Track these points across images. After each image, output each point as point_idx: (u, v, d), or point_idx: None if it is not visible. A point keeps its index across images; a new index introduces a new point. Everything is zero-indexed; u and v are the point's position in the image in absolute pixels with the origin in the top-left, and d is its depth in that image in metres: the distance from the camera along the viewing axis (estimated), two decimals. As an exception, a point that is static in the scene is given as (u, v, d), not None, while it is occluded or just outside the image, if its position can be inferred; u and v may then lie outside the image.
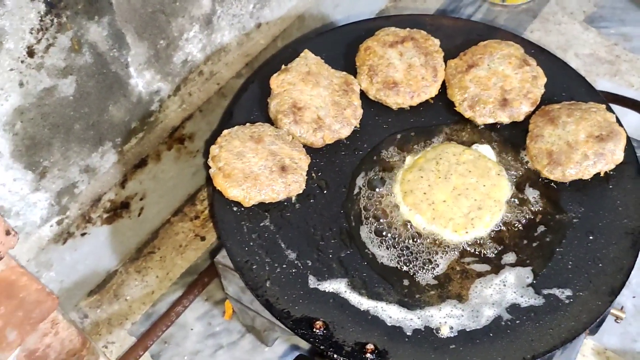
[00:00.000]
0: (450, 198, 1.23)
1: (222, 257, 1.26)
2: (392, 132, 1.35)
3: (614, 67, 1.94)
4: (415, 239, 1.20)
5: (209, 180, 1.21)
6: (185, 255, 1.63)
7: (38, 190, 1.29)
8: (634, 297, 1.53)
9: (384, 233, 1.21)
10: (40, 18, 1.10)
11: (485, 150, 1.30)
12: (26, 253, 1.32)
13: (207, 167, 1.22)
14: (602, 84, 1.90)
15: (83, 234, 1.43)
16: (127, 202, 1.51)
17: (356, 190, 1.27)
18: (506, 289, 1.15)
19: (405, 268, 1.17)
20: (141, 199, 1.54)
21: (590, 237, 1.20)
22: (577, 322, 1.11)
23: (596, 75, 1.93)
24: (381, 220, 1.23)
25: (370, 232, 1.21)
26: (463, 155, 1.28)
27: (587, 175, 1.24)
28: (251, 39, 1.62)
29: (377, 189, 1.27)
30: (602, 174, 1.25)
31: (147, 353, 1.47)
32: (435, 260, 1.18)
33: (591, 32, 2.02)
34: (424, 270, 1.17)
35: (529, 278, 1.17)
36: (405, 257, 1.19)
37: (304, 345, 1.49)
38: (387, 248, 1.19)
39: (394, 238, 1.21)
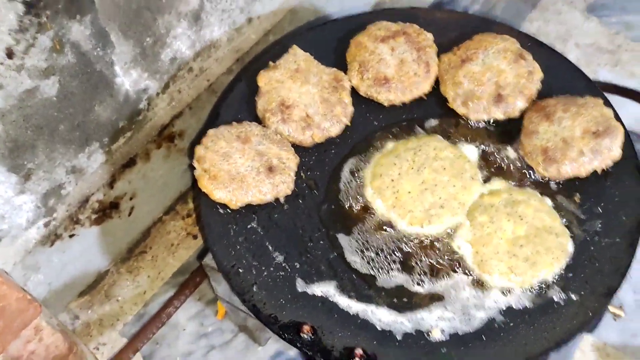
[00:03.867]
0: (416, 191, 1.20)
1: (210, 260, 1.24)
2: (383, 129, 1.31)
3: (615, 57, 1.90)
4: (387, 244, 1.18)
5: (194, 182, 1.18)
6: (177, 255, 1.61)
7: (23, 193, 1.26)
8: (635, 292, 1.50)
9: (355, 232, 1.19)
10: (19, 18, 1.08)
11: (470, 151, 1.27)
12: (12, 256, 1.30)
13: (192, 169, 1.19)
14: (602, 74, 1.86)
15: (71, 236, 1.41)
16: (116, 202, 1.48)
17: (340, 188, 1.25)
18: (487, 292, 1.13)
19: (372, 272, 1.15)
20: (131, 199, 1.52)
21: (587, 238, 1.17)
22: (573, 324, 1.08)
23: (597, 65, 1.89)
24: (354, 220, 1.21)
25: (346, 234, 1.20)
26: (443, 152, 1.25)
27: (584, 172, 1.21)
28: (242, 34, 1.59)
29: (358, 187, 1.24)
30: (599, 172, 1.22)
31: (139, 354, 1.46)
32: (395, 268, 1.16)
33: (592, 21, 1.97)
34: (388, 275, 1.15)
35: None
36: (373, 260, 1.16)
37: (297, 345, 1.47)
38: (358, 251, 1.17)
39: (364, 239, 1.18)
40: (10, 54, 1.11)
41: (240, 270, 1.13)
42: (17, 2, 1.06)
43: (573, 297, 1.11)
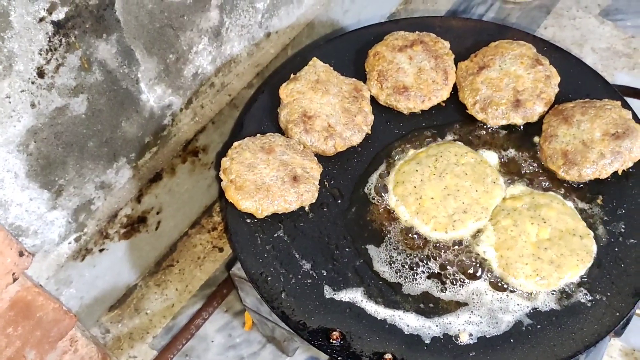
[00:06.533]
0: (439, 196, 1.21)
1: (238, 269, 1.26)
2: (404, 136, 1.33)
3: (632, 60, 1.90)
4: (406, 248, 1.20)
5: (221, 193, 1.21)
6: (203, 267, 1.63)
7: (55, 209, 1.30)
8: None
9: (383, 244, 1.21)
10: (48, 39, 1.11)
11: (490, 156, 1.28)
12: (45, 271, 1.33)
13: (219, 180, 1.22)
14: (620, 78, 1.87)
15: (101, 250, 1.44)
16: (143, 216, 1.51)
17: (364, 196, 1.27)
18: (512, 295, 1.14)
19: (399, 280, 1.17)
20: (158, 213, 1.55)
21: (612, 239, 1.17)
22: (600, 326, 1.08)
23: (614, 69, 1.89)
24: (378, 228, 1.23)
25: (376, 245, 1.21)
26: (464, 157, 1.26)
27: (605, 174, 1.22)
28: (261, 48, 1.62)
29: (382, 194, 1.26)
30: (620, 173, 1.23)
31: (169, 366, 1.48)
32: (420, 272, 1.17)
33: (607, 26, 1.98)
34: (413, 282, 1.16)
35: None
36: (400, 270, 1.17)
37: (324, 355, 1.48)
38: (386, 263, 1.19)
39: (392, 250, 1.20)
40: (41, 74, 1.14)
41: (269, 278, 1.15)
42: (47, 22, 1.10)
43: (599, 298, 1.11)
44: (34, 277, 1.30)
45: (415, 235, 1.21)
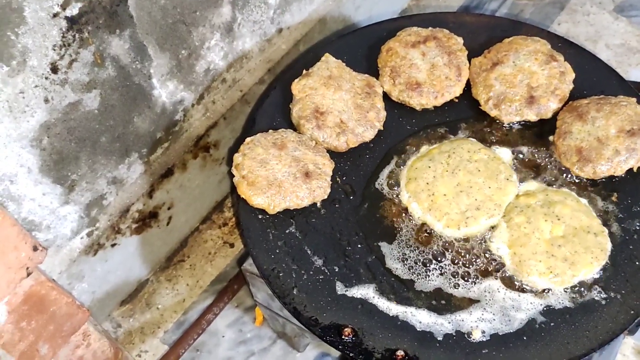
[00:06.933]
0: (452, 193, 1.21)
1: (250, 265, 1.26)
2: (416, 133, 1.33)
3: (647, 57, 1.89)
4: (419, 246, 1.19)
5: (233, 188, 1.21)
6: (214, 263, 1.64)
7: (67, 204, 1.30)
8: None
9: (396, 241, 1.20)
10: (62, 34, 1.12)
11: (503, 153, 1.27)
12: (58, 265, 1.34)
13: (231, 176, 1.22)
14: (634, 74, 1.85)
15: (113, 245, 1.45)
16: (155, 211, 1.52)
17: (376, 192, 1.26)
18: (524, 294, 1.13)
19: (411, 277, 1.16)
20: (169, 208, 1.55)
21: (626, 236, 1.16)
22: (615, 323, 1.08)
23: (628, 66, 1.88)
24: (390, 224, 1.22)
25: (388, 242, 1.21)
26: (477, 154, 1.25)
27: (620, 171, 1.21)
28: (273, 44, 1.62)
29: (394, 191, 1.26)
30: (635, 170, 1.22)
31: (180, 361, 1.49)
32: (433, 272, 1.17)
33: (621, 22, 1.97)
34: (426, 278, 1.16)
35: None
36: (413, 267, 1.17)
37: (335, 351, 1.48)
38: (399, 260, 1.18)
39: (405, 247, 1.20)
40: (54, 69, 1.15)
41: (281, 274, 1.15)
42: (61, 18, 1.10)
43: (614, 296, 1.11)
44: (47, 271, 1.30)
45: (427, 232, 1.20)
